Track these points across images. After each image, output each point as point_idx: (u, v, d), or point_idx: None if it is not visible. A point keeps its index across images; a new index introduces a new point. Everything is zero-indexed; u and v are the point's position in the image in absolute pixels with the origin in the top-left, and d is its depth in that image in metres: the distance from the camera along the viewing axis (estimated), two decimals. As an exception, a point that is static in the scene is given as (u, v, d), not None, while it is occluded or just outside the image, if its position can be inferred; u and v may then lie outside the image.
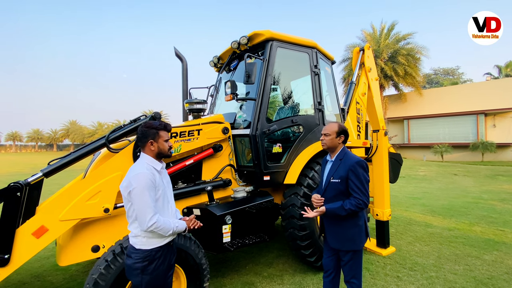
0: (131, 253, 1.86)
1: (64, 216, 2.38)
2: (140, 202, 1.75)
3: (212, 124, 3.28)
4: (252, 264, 3.78)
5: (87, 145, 2.68)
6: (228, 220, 2.86)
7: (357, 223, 2.25)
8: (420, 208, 6.98)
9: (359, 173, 2.18)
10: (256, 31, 3.51)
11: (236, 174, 3.50)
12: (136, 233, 1.85)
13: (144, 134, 1.91)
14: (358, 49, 5.67)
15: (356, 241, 2.25)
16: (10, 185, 2.19)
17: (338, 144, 2.33)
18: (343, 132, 2.33)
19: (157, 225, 1.78)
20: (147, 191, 1.76)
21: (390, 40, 22.46)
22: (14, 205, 2.21)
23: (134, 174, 1.79)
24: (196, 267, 2.44)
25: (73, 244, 2.60)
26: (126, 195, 1.79)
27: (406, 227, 5.40)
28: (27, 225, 2.28)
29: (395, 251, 4.18)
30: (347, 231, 2.25)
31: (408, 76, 21.62)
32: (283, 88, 3.95)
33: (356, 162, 2.20)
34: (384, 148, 4.24)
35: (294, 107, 3.92)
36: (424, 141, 22.05)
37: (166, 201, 1.97)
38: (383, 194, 4.22)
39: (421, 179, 12.07)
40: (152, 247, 1.84)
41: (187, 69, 3.97)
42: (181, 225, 1.96)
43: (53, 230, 2.36)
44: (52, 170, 2.49)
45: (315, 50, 3.89)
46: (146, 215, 1.76)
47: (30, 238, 2.28)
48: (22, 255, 2.25)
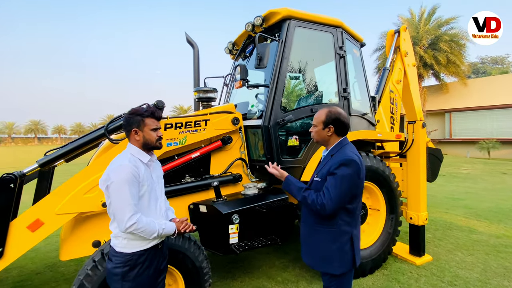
0: (112, 256, 1.65)
1: (60, 209, 2.25)
2: (118, 198, 1.53)
3: (220, 114, 2.99)
4: (265, 267, 3.48)
5: (86, 135, 2.54)
6: (235, 219, 2.58)
7: (336, 238, 1.73)
8: (462, 210, 6.18)
9: (337, 172, 1.68)
10: (272, 9, 3.13)
11: (247, 169, 3.19)
12: (116, 234, 1.63)
13: (128, 121, 1.68)
14: (393, 31, 5.05)
15: (331, 262, 1.73)
16: (3, 176, 2.10)
17: (329, 138, 1.84)
18: (333, 121, 1.80)
19: (137, 226, 1.54)
20: (127, 186, 1.53)
21: (430, 26, 20.52)
22: (8, 197, 2.12)
23: (113, 167, 1.58)
24: (196, 271, 2.20)
25: (74, 238, 2.49)
26: (105, 190, 1.58)
27: (446, 232, 4.75)
28: (21, 218, 2.19)
29: (431, 261, 3.63)
30: (322, 247, 1.76)
31: (451, 65, 19.64)
32: (303, 73, 3.53)
33: (341, 160, 1.71)
34: (422, 142, 3.67)
35: (315, 96, 3.50)
36: (468, 136, 20.00)
37: (154, 198, 1.73)
38: (418, 194, 3.67)
39: (463, 178, 10.88)
40: (134, 250, 1.62)
41: (198, 55, 3.72)
42: (169, 228, 1.71)
43: (49, 224, 2.24)
44: (49, 161, 2.37)
45: (341, 30, 3.41)
46: (125, 214, 1.52)
47: (25, 232, 2.18)
48: (16, 249, 2.16)
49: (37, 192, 2.99)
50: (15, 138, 67.75)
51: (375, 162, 3.28)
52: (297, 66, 3.34)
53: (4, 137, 65.65)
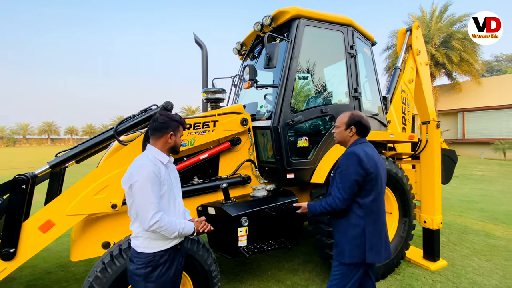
0: (133, 257, 1.66)
1: (70, 210, 2.27)
2: (142, 197, 1.56)
3: (229, 115, 2.97)
4: (274, 270, 3.43)
5: (95, 137, 2.55)
6: (244, 222, 2.54)
7: (345, 230, 1.89)
8: (477, 213, 5.98)
9: (341, 165, 1.87)
10: (281, 8, 3.09)
11: (256, 171, 3.15)
12: (137, 234, 1.65)
13: (165, 124, 1.73)
14: (404, 29, 4.95)
15: (341, 250, 1.89)
16: (15, 178, 2.12)
17: (350, 138, 1.99)
18: (355, 123, 1.96)
19: (160, 224, 1.56)
20: (150, 184, 1.57)
21: (442, 23, 20.06)
22: (20, 198, 2.14)
23: (136, 167, 1.61)
24: (205, 274, 2.17)
25: (84, 239, 2.51)
26: (127, 190, 1.61)
27: (461, 236, 4.60)
28: (33, 219, 2.21)
29: (446, 266, 3.51)
30: (336, 236, 1.97)
31: (464, 63, 19.14)
32: (313, 73, 3.47)
33: (344, 154, 1.89)
34: (436, 143, 3.55)
35: (325, 96, 3.44)
36: (482, 136, 19.43)
37: (173, 198, 1.76)
38: (433, 197, 3.55)
39: (478, 180, 10.56)
40: (155, 250, 1.63)
41: (207, 56, 3.70)
42: (189, 227, 1.73)
43: (60, 224, 2.26)
44: (59, 162, 2.39)
45: (351, 28, 3.34)
46: (148, 212, 1.55)
47: (37, 232, 2.20)
48: (28, 250, 2.18)
49: (48, 193, 3.03)
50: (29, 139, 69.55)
51: (387, 164, 3.19)
52: (307, 66, 3.28)
53: (19, 138, 67.50)
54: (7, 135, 65.74)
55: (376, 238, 1.87)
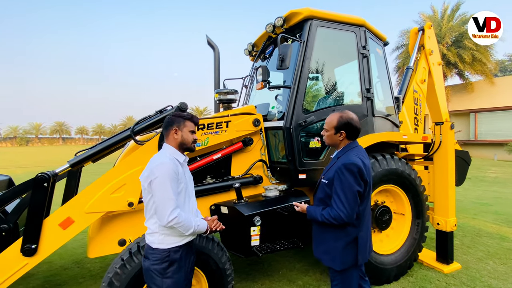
0: (148, 254, 1.70)
1: (89, 208, 2.33)
2: (161, 193, 1.60)
3: (242, 116, 3.00)
4: (286, 270, 3.45)
5: (113, 137, 2.62)
6: (257, 221, 2.56)
7: (340, 237, 1.85)
8: (491, 216, 5.86)
9: (342, 179, 1.78)
10: (293, 10, 3.11)
11: (268, 171, 3.18)
12: (153, 230, 1.70)
13: (169, 121, 1.81)
14: (417, 29, 4.91)
15: (335, 258, 1.86)
16: (37, 176, 2.19)
17: (340, 142, 1.93)
18: (344, 126, 1.88)
19: (178, 220, 1.61)
20: (169, 181, 1.62)
21: (454, 22, 19.68)
22: (42, 196, 2.21)
23: (156, 164, 1.66)
24: (219, 272, 2.21)
25: (100, 236, 2.57)
26: (147, 186, 1.65)
27: (475, 239, 4.52)
28: (54, 216, 2.28)
29: (460, 269, 3.46)
30: (327, 243, 1.92)
31: (477, 63, 18.72)
32: (325, 74, 3.47)
33: (344, 164, 1.79)
34: (450, 144, 3.51)
35: (337, 96, 3.43)
36: (495, 137, 18.96)
37: (188, 196, 1.81)
38: (446, 199, 3.51)
39: (491, 182, 10.33)
40: (170, 246, 1.68)
41: (219, 57, 3.75)
42: (203, 225, 1.78)
43: (79, 222, 2.32)
44: (79, 161, 2.46)
45: (364, 29, 3.33)
46: (167, 208, 1.59)
47: (57, 229, 2.26)
48: (49, 246, 2.25)
49: (66, 191, 3.11)
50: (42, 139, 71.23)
51: (400, 165, 3.17)
52: (319, 66, 3.29)
53: (31, 138, 69.19)
54: (20, 135, 67.41)
55: (365, 240, 1.91)
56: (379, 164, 3.01)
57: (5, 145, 62.59)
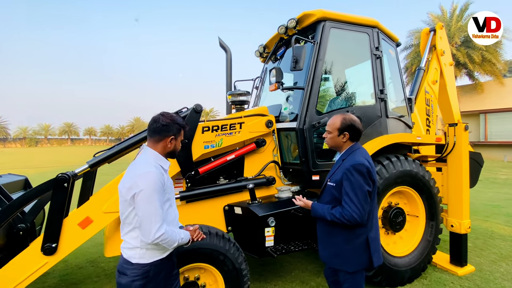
0: (126, 270, 1.53)
1: (107, 208, 2.37)
2: (147, 208, 1.45)
3: (255, 117, 3.02)
4: (298, 271, 3.45)
5: (131, 138, 2.66)
6: (271, 222, 2.57)
7: (350, 240, 1.83)
8: (503, 218, 5.77)
9: (352, 180, 1.77)
10: (306, 11, 3.12)
11: (280, 172, 3.19)
12: (133, 245, 1.54)
13: (167, 127, 1.60)
14: (428, 29, 4.88)
15: (345, 260, 1.85)
16: (58, 176, 2.24)
17: (343, 144, 1.94)
18: (347, 128, 1.89)
19: (164, 236, 1.47)
20: (156, 194, 1.47)
21: (463, 22, 19.44)
22: (62, 196, 2.26)
23: (141, 173, 1.49)
24: (235, 272, 2.22)
25: (117, 237, 2.60)
26: (129, 199, 1.48)
27: (487, 241, 4.46)
28: (73, 216, 2.33)
29: (474, 271, 3.42)
30: (336, 246, 1.88)
31: (487, 63, 18.46)
32: (338, 75, 3.47)
33: (352, 165, 1.79)
34: (464, 145, 3.47)
35: (350, 97, 3.43)
36: (505, 138, 18.63)
37: (170, 205, 1.66)
38: (461, 201, 3.47)
39: (502, 184, 10.16)
40: (152, 260, 1.54)
41: (231, 59, 3.78)
42: (186, 237, 1.65)
43: (98, 221, 2.37)
44: (98, 162, 2.51)
45: (377, 30, 3.32)
46: (154, 224, 1.45)
47: (76, 229, 2.31)
48: (68, 245, 2.30)
49: (82, 191, 3.16)
50: (51, 139, 72.39)
51: (414, 167, 3.15)
52: (332, 67, 3.29)
53: (41, 138, 70.39)
54: (30, 136, 68.59)
55: (377, 241, 1.90)
56: (393, 166, 3.00)
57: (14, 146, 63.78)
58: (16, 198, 2.28)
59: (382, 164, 2.97)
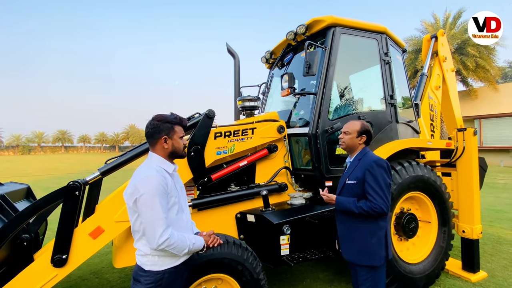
0: (140, 277, 1.50)
1: (119, 217, 2.29)
2: (149, 212, 1.42)
3: (266, 123, 2.99)
4: (309, 280, 3.37)
5: (142, 145, 2.60)
6: (286, 230, 2.51)
7: (375, 232, 1.95)
8: (508, 223, 5.77)
9: (376, 174, 1.92)
10: (316, 17, 3.13)
11: (292, 178, 3.14)
12: (145, 252, 1.51)
13: (156, 129, 1.57)
14: (429, 36, 4.96)
15: (372, 255, 1.94)
16: (69, 184, 2.17)
17: (359, 145, 2.11)
18: (365, 132, 2.09)
19: (169, 241, 1.43)
20: (157, 198, 1.43)
21: (456, 30, 19.89)
22: (73, 204, 2.18)
23: (141, 178, 1.46)
24: (254, 283, 2.16)
25: (128, 246, 2.52)
26: (132, 205, 1.46)
27: (495, 246, 4.44)
28: (84, 225, 2.24)
29: (487, 277, 3.39)
30: (361, 241, 1.98)
31: (480, 69, 18.84)
32: (348, 80, 3.48)
33: (374, 161, 1.96)
34: (474, 150, 3.48)
35: (362, 102, 3.43)
36: (501, 143, 18.91)
37: (181, 210, 1.61)
38: (472, 206, 3.46)
39: (501, 189, 10.24)
40: (165, 267, 1.50)
41: (239, 65, 3.76)
42: (199, 242, 1.59)
43: (109, 231, 2.29)
44: (109, 169, 2.44)
45: (385, 36, 3.35)
46: (157, 229, 1.41)
47: (87, 239, 2.23)
48: (79, 256, 2.21)
49: (88, 199, 3.07)
50: (44, 147, 71.31)
51: (426, 172, 3.13)
52: (343, 73, 3.29)
53: (34, 146, 69.30)
54: (23, 143, 67.54)
55: (389, 235, 2.05)
56: (406, 171, 2.98)
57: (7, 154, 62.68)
58: (26, 207, 2.19)
59: (395, 169, 2.94)
